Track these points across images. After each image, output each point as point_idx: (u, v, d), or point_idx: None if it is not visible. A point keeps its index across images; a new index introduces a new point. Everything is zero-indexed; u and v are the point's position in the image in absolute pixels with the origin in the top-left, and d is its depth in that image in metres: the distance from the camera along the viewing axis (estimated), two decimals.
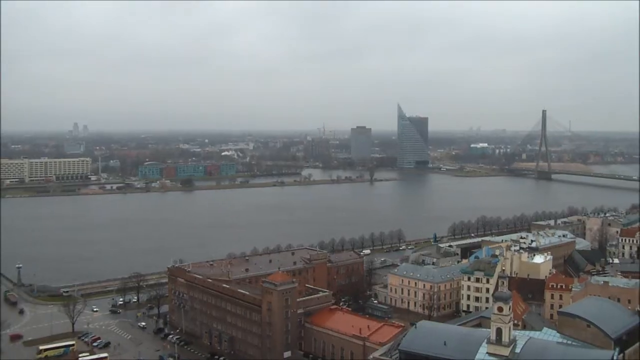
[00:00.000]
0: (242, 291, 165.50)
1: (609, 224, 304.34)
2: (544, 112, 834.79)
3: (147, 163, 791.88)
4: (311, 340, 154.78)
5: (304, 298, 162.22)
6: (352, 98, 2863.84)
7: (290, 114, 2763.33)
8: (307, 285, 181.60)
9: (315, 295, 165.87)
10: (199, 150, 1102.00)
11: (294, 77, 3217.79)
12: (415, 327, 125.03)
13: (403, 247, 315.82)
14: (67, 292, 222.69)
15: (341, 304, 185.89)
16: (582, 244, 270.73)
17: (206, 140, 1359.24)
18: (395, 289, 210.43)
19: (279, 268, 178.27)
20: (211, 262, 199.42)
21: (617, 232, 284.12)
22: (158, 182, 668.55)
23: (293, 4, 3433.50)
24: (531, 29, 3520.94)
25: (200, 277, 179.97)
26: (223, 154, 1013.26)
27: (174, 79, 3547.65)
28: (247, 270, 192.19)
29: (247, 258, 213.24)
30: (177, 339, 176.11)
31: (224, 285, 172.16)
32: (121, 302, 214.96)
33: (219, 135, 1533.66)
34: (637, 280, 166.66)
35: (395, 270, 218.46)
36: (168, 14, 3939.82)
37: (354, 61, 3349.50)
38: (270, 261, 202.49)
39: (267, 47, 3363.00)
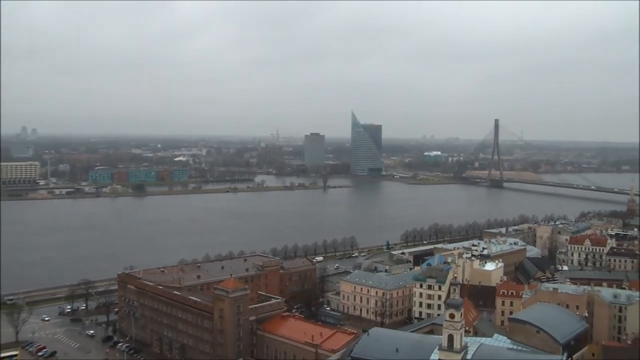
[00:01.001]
0: (193, 298, 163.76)
1: (559, 232, 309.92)
2: (496, 121, 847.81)
3: (97, 168, 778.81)
4: (263, 348, 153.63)
5: (256, 305, 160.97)
6: (308, 104, 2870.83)
7: (245, 119, 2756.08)
8: (259, 292, 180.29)
9: (268, 302, 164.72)
10: (151, 155, 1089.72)
11: (250, 82, 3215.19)
12: (368, 334, 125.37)
13: (356, 254, 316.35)
14: (11, 299, 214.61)
15: (294, 310, 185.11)
16: (533, 251, 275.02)
17: (159, 145, 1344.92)
18: (348, 296, 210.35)
19: (231, 275, 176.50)
20: (162, 269, 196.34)
21: (566, 239, 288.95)
22: (109, 187, 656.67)
23: (252, 8, 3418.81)
24: (488, 37, 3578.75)
25: (151, 283, 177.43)
26: (176, 159, 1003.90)
27: (131, 83, 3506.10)
28: (198, 277, 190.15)
29: (199, 264, 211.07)
30: (126, 347, 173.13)
31: (175, 292, 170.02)
32: (69, 310, 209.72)
33: (172, 140, 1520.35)
34: (585, 287, 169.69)
35: (348, 277, 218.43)
36: (128, 15, 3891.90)
37: (311, 67, 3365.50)
38: (223, 268, 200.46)
39: (224, 51, 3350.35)
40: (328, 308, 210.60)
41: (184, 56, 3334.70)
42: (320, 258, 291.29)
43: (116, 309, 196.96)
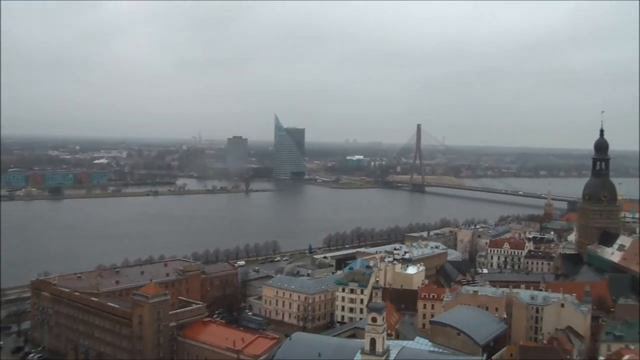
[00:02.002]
0: (111, 304, 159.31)
1: (479, 236, 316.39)
2: (418, 126, 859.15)
3: (11, 170, 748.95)
4: (184, 354, 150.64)
5: (176, 310, 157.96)
6: (232, 107, 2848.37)
7: (168, 122, 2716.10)
8: (180, 297, 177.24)
9: (189, 308, 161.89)
10: (70, 157, 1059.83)
11: (175, 84, 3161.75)
12: (290, 339, 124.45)
13: (278, 258, 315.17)
14: None
15: (215, 316, 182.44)
16: (454, 254, 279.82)
17: (77, 147, 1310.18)
18: (270, 301, 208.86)
19: (151, 280, 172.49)
20: (79, 275, 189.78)
21: (486, 243, 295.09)
22: (23, 190, 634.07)
23: (179, 10, 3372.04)
24: (416, 44, 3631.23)
25: (67, 290, 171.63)
26: (96, 161, 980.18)
27: (51, 83, 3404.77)
28: (117, 282, 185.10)
29: (117, 270, 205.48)
30: (38, 357, 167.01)
31: (93, 298, 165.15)
32: None
33: (91, 142, 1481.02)
34: (504, 289, 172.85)
35: (270, 282, 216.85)
36: (49, 15, 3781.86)
37: (238, 69, 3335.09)
38: (142, 273, 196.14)
39: (148, 52, 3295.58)
40: (250, 313, 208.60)
41: (105, 57, 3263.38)
42: (242, 262, 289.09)
43: (28, 318, 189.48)
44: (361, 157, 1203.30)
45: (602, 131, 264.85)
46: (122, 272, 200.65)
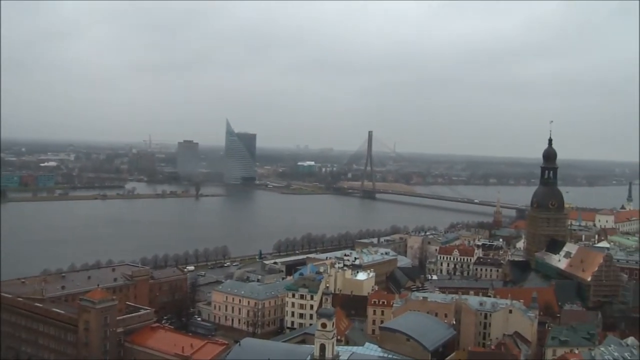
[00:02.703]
0: (56, 310, 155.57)
1: (429, 242, 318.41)
2: (370, 132, 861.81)
3: None
4: None
5: (124, 316, 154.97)
6: (184, 111, 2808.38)
7: (118, 124, 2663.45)
8: (127, 302, 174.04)
9: (137, 313, 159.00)
10: (15, 159, 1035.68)
11: (127, 87, 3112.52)
12: (239, 345, 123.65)
13: (228, 263, 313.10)
14: None
15: (163, 321, 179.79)
16: (404, 261, 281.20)
17: (23, 149, 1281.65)
18: (220, 306, 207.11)
19: (98, 285, 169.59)
20: (23, 280, 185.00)
21: (436, 249, 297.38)
22: None
23: (133, 11, 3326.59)
24: (371, 52, 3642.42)
25: (10, 296, 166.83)
26: (43, 164, 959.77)
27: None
28: (63, 287, 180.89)
29: (63, 275, 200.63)
30: None
31: (37, 304, 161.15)
32: None
33: (38, 144, 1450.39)
34: (454, 295, 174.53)
35: (220, 287, 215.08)
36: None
37: (192, 74, 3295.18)
38: (89, 278, 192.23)
39: (101, 54, 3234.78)
40: (199, 318, 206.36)
41: (55, 58, 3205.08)
42: (191, 267, 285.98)
43: None
44: (312, 163, 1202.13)
45: (550, 140, 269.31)
46: (68, 277, 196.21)
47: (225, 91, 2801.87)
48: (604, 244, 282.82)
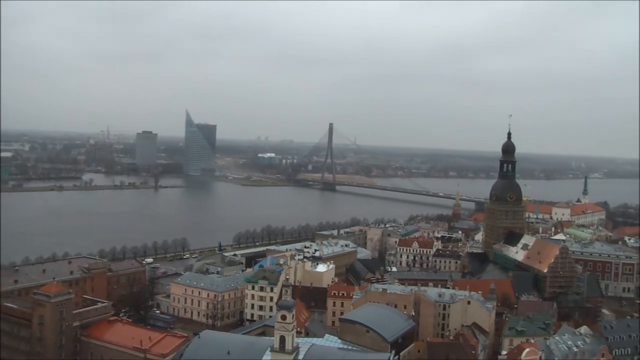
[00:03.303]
0: (9, 305, 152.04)
1: (389, 234, 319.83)
2: (330, 124, 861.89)
3: None
4: (88, 355, 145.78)
5: (80, 310, 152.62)
6: (143, 102, 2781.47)
7: (75, 115, 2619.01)
8: (84, 296, 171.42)
9: (94, 307, 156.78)
10: None
11: (84, 77, 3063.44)
12: (199, 337, 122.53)
13: (187, 255, 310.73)
14: None
15: (121, 315, 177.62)
16: (364, 253, 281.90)
17: None
18: (179, 299, 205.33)
19: (53, 278, 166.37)
20: None
21: (395, 241, 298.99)
22: None
23: (95, 2, 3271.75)
24: (335, 45, 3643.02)
25: None
26: None
27: None
28: (16, 281, 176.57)
29: (17, 268, 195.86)
30: None
31: None
32: None
33: None
34: (413, 287, 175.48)
35: (179, 279, 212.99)
36: None
37: (153, 65, 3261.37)
38: (44, 271, 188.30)
39: (58, 44, 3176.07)
40: (158, 311, 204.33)
41: (8, 46, 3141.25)
42: (150, 260, 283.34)
43: None
44: (273, 155, 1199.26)
45: (509, 134, 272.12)
46: (22, 270, 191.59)
47: (186, 82, 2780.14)
48: (560, 236, 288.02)
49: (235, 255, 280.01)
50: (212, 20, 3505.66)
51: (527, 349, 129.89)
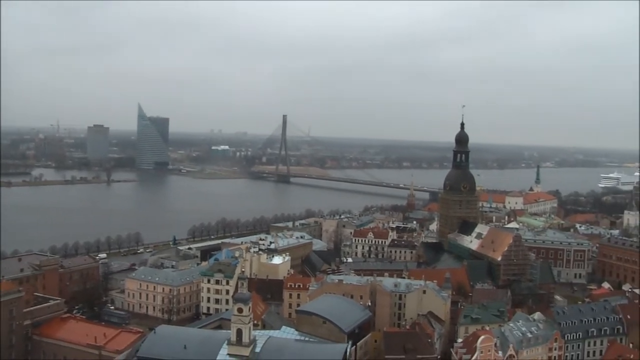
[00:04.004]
0: None
1: (344, 225, 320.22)
2: (284, 116, 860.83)
3: None
4: (40, 353, 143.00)
5: (31, 308, 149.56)
6: (94, 95, 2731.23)
7: (23, 109, 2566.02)
8: (36, 293, 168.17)
9: (45, 304, 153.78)
10: None
11: (34, 70, 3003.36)
12: (155, 332, 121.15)
13: (141, 250, 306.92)
14: None
15: (75, 312, 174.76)
16: (319, 244, 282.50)
17: None
18: (133, 294, 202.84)
19: (3, 276, 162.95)
20: None
21: (351, 232, 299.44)
22: None
23: None
24: (290, 36, 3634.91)
25: None
26: None
27: None
28: None
29: None
30: None
31: None
32: None
33: None
34: (369, 277, 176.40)
35: (133, 274, 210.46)
36: None
37: (105, 58, 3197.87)
38: None
39: (8, 36, 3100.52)
40: (112, 307, 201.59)
41: None
42: (103, 255, 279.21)
43: None
44: (226, 147, 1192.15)
45: (462, 125, 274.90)
46: None
47: (138, 75, 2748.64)
48: (513, 224, 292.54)
49: (190, 249, 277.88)
50: (167, 12, 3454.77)
51: (483, 336, 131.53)
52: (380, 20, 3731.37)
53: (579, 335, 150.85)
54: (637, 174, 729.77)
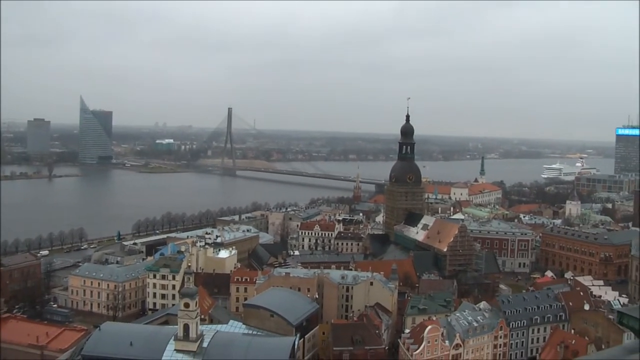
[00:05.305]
0: None
1: (290, 218, 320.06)
2: (229, 109, 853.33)
3: None
4: None
5: None
6: (35, 88, 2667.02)
7: None
8: None
9: None
10: None
11: None
12: (99, 329, 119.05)
13: (85, 246, 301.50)
14: None
15: (15, 311, 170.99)
16: (266, 237, 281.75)
17: None
18: (77, 291, 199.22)
19: None
20: None
21: (297, 225, 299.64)
22: None
23: None
24: (239, 30, 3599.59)
25: None
26: None
27: None
28: None
29: None
30: None
31: None
32: None
33: None
34: (316, 270, 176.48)
35: (77, 271, 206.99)
36: None
37: (47, 50, 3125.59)
38: None
39: None
40: (55, 305, 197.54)
41: None
42: (45, 252, 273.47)
43: None
44: (171, 140, 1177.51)
45: (408, 117, 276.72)
46: None
47: (83, 68, 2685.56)
48: (458, 215, 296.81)
49: (135, 244, 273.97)
50: (112, 6, 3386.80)
51: (430, 326, 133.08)
52: (333, 15, 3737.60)
53: (524, 322, 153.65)
54: (579, 164, 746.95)
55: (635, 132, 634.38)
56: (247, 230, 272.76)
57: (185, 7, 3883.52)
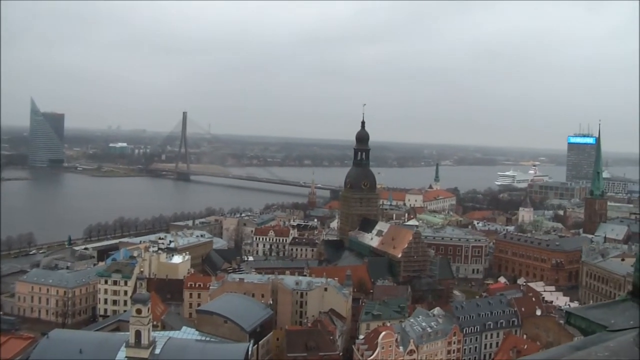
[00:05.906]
0: None
1: (245, 224, 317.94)
2: (184, 113, 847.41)
3: None
4: None
5: None
6: None
7: None
8: None
9: None
10: None
11: None
12: (47, 337, 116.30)
13: (34, 251, 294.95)
14: None
15: None
16: (220, 243, 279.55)
17: None
18: (25, 298, 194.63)
19: None
20: None
21: (252, 231, 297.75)
22: None
23: None
24: (194, 33, 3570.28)
25: None
26: None
27: None
28: None
29: None
30: None
31: None
32: None
33: None
34: (270, 276, 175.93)
35: (25, 277, 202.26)
36: None
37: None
38: None
39: None
40: (1, 313, 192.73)
41: None
42: None
43: None
44: (125, 144, 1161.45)
45: (363, 123, 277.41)
46: None
47: (32, 69, 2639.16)
48: (413, 222, 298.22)
49: (86, 249, 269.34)
50: (64, 5, 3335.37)
51: (384, 332, 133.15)
52: (289, 20, 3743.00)
53: (477, 328, 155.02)
54: (532, 172, 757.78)
55: (587, 140, 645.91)
56: (201, 236, 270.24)
57: (143, 7, 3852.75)
